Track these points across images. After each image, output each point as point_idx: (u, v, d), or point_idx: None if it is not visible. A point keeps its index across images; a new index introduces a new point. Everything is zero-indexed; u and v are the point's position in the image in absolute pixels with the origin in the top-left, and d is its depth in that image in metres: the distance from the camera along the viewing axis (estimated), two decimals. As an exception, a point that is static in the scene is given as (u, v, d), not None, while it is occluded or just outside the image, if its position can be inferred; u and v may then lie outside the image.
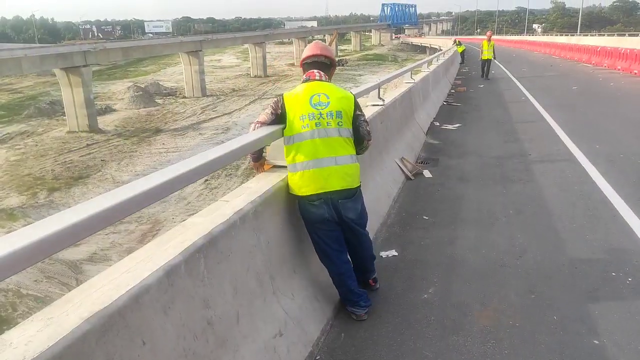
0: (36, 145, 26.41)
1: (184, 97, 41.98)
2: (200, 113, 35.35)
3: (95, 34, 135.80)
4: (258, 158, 3.14)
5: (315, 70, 3.00)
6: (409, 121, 7.84)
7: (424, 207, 5.05)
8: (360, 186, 3.01)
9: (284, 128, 2.88)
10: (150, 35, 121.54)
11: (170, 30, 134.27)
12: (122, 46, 41.73)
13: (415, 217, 4.80)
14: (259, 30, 78.71)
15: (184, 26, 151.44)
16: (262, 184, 2.89)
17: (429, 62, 14.04)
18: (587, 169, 6.09)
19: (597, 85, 15.48)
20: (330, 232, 2.91)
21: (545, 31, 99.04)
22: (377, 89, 6.17)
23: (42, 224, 1.47)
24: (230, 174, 19.30)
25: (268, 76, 53.63)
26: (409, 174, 6.07)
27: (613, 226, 4.35)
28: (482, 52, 18.79)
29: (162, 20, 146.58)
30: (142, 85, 42.04)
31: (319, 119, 2.83)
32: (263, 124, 2.93)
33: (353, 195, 2.93)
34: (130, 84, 43.14)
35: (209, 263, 2.13)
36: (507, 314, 3.05)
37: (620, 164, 6.29)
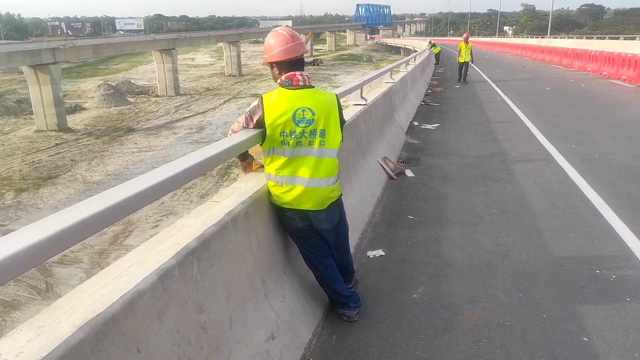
0: (2, 144, 25.55)
1: (157, 95, 41.25)
2: (174, 112, 34.79)
3: (65, 31, 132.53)
4: (244, 157, 3.02)
5: (298, 73, 2.65)
6: (389, 121, 7.85)
7: (409, 207, 5.05)
8: (339, 196, 2.88)
9: (264, 133, 2.63)
10: (122, 32, 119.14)
11: (142, 27, 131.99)
12: (92, 43, 40.70)
13: (400, 216, 4.80)
14: (233, 29, 78.05)
15: (157, 24, 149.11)
16: (251, 184, 2.82)
17: (407, 63, 14.13)
18: (565, 169, 6.20)
19: (569, 87, 15.85)
20: (308, 239, 2.84)
21: (516, 33, 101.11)
22: (360, 89, 6.15)
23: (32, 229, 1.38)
24: (205, 174, 19.02)
25: (243, 75, 53.20)
26: (391, 174, 6.07)
27: (594, 225, 4.43)
28: (459, 55, 18.28)
29: (134, 18, 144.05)
30: (113, 84, 41.11)
31: (300, 137, 2.60)
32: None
33: (326, 208, 2.76)
34: (101, 82, 42.10)
35: (202, 266, 2.06)
36: (496, 313, 3.06)
37: (597, 163, 6.42)
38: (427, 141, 8.24)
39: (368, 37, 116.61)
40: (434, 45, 29.17)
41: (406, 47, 66.30)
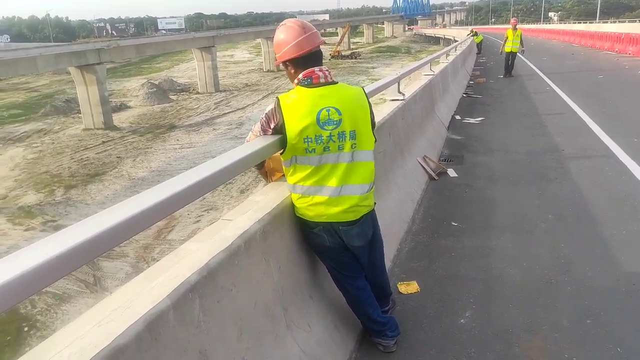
0: (53, 143, 26.40)
1: (197, 92, 41.78)
2: (214, 108, 35.09)
3: (109, 32, 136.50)
4: (261, 165, 2.66)
5: (317, 69, 2.29)
6: (429, 116, 7.36)
7: (452, 212, 4.60)
8: (373, 208, 2.50)
9: (284, 139, 2.27)
10: (164, 32, 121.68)
11: (183, 26, 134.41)
12: (135, 43, 41.67)
13: (443, 223, 4.35)
14: (271, 25, 78.26)
15: (197, 22, 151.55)
16: (272, 197, 2.47)
17: (447, 54, 13.48)
18: (628, 166, 5.57)
19: (624, 74, 14.78)
20: (337, 258, 2.46)
21: (562, 19, 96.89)
22: (397, 83, 5.71)
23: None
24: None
25: (281, 70, 52.84)
26: (432, 174, 5.61)
27: (669, 233, 3.86)
28: (504, 44, 15.47)
29: (175, 17, 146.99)
30: (156, 82, 41.93)
31: (328, 142, 2.23)
32: None
33: (359, 220, 2.39)
34: (144, 80, 43.03)
35: (206, 303, 1.72)
36: (561, 345, 2.60)
37: (665, 160, 5.75)
38: (470, 136, 7.69)
39: (406, 28, 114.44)
40: (475, 34, 28.07)
41: (446, 37, 64.55)
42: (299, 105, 2.25)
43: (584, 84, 13.09)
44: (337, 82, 2.35)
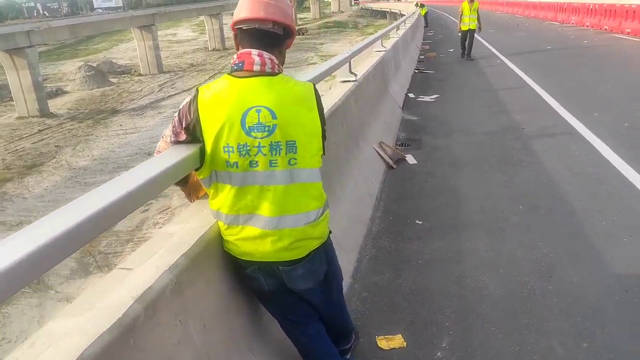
0: (-17, 134, 24.43)
1: (140, 74, 39.71)
2: (158, 91, 33.43)
3: (41, 12, 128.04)
4: (185, 181, 1.98)
5: (255, 52, 1.68)
6: (383, 96, 6.84)
7: (415, 207, 4.11)
8: (327, 238, 1.89)
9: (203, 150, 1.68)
10: (100, 10, 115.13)
11: (121, 4, 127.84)
12: (68, 24, 39.00)
13: (406, 221, 3.86)
14: (213, 1, 75.44)
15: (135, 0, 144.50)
16: (192, 227, 1.85)
17: (397, 27, 12.97)
18: (594, 144, 5.27)
19: (571, 44, 14.77)
20: (282, 302, 1.91)
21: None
22: (349, 62, 5.13)
23: None
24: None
25: (227, 49, 51.24)
26: (390, 162, 5.11)
27: (652, 222, 3.51)
28: (460, 20, 13.34)
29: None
30: (94, 64, 39.52)
31: (255, 155, 1.64)
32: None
33: (305, 257, 1.79)
34: (81, 63, 40.53)
35: None
36: (559, 382, 2.16)
37: (630, 136, 5.48)
38: (426, 117, 7.25)
39: (353, 3, 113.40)
40: (421, 5, 27.83)
41: (392, 10, 64.18)
42: (221, 100, 1.64)
43: (534, 56, 12.93)
44: (278, 73, 1.72)
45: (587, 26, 19.90)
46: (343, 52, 5.26)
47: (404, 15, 21.51)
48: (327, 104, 4.04)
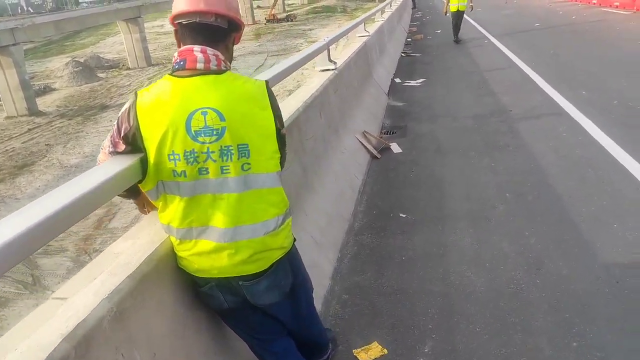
0: (-28, 136, 24.12)
1: (128, 68, 39.21)
2: (148, 84, 33.08)
3: (25, 9, 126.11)
4: (135, 194, 1.75)
5: (197, 49, 1.51)
6: (367, 82, 6.66)
7: (399, 199, 3.97)
8: (290, 247, 1.73)
9: (145, 160, 1.52)
10: (85, 4, 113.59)
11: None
12: (53, 19, 38.45)
13: (389, 215, 3.72)
14: (199, -10, 74.16)
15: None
16: (142, 244, 1.69)
17: (382, 10, 12.71)
18: (582, 124, 5.13)
19: (559, 21, 14.56)
20: (245, 320, 1.76)
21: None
22: (327, 50, 4.94)
23: None
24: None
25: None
26: (374, 152, 4.95)
27: (642, 206, 3.39)
28: (448, 1, 12.23)
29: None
30: (82, 60, 39.04)
31: (204, 161, 1.49)
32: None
33: (268, 269, 1.65)
34: (68, 59, 40.02)
35: None
36: (547, 387, 2.04)
37: (619, 114, 5.34)
38: (412, 102, 7.08)
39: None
40: (409, -14, 27.46)
41: (381, -7, 63.49)
42: (162, 103, 1.48)
43: (522, 34, 12.73)
44: (225, 71, 1.55)
45: (576, 1, 19.68)
46: (320, 41, 5.06)
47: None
48: (304, 96, 3.87)
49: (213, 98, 1.48)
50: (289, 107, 3.44)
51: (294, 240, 1.78)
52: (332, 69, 4.89)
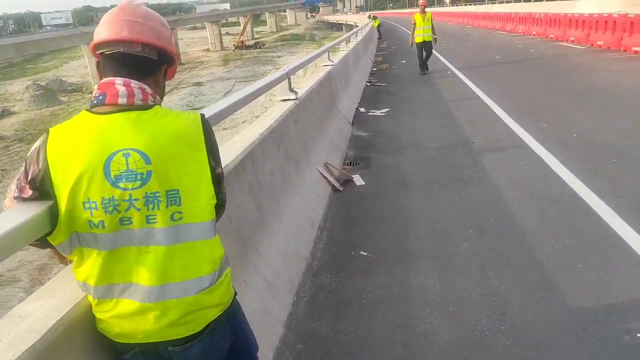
0: None
1: (92, 92, 38.55)
2: (110, 109, 32.48)
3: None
4: (50, 243, 1.42)
5: (119, 82, 1.34)
6: (330, 113, 6.57)
7: (361, 235, 3.81)
8: (229, 303, 1.52)
9: (54, 210, 1.32)
10: (49, 27, 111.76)
11: (71, 20, 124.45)
12: (14, 42, 37.74)
13: (350, 252, 3.55)
14: (168, 16, 74.28)
15: (86, 16, 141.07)
16: (55, 303, 1.46)
17: (347, 40, 12.82)
18: (542, 157, 5.13)
19: (519, 53, 15.01)
20: None
21: (454, 1, 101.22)
22: (287, 79, 4.82)
23: None
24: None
25: (182, 64, 50.44)
26: (336, 184, 4.81)
27: (604, 243, 3.32)
28: (413, 32, 12.45)
29: (61, 11, 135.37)
30: (43, 83, 38.32)
31: (126, 210, 1.29)
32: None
33: (202, 331, 1.43)
34: (29, 82, 39.15)
35: None
36: None
37: (578, 147, 5.37)
38: (377, 132, 7.02)
39: (309, 16, 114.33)
40: (374, 17, 28.19)
41: (347, 22, 64.91)
42: (77, 143, 1.28)
43: (483, 66, 13.02)
44: (152, 106, 1.37)
45: (534, 35, 20.42)
46: (280, 70, 4.95)
47: (359, 26, 21.50)
48: (260, 128, 3.71)
49: (137, 138, 1.29)
50: (242, 140, 3.27)
51: (235, 294, 1.58)
52: (293, 99, 4.77)
